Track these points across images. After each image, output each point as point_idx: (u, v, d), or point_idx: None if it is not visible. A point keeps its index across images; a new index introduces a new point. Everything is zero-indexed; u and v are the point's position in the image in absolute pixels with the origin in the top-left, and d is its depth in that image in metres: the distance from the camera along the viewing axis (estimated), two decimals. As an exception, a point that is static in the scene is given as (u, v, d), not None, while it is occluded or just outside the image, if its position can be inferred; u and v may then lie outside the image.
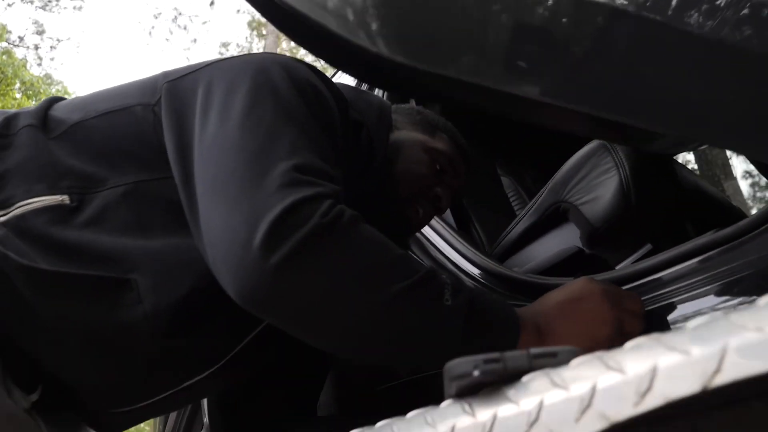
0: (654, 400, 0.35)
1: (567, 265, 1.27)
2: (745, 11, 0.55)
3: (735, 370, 0.32)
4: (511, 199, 2.12)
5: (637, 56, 0.53)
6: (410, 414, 0.51)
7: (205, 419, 1.69)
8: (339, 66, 0.92)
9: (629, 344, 0.38)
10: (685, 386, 0.33)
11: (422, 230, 1.42)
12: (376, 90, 1.52)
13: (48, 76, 15.93)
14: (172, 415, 1.87)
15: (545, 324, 0.79)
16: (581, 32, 0.52)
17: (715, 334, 0.34)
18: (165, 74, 0.94)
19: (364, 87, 1.56)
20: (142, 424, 2.13)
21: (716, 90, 0.54)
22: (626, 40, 0.52)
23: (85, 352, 0.84)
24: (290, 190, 0.71)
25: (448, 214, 1.66)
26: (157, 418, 2.01)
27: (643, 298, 0.92)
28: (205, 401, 1.63)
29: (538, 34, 0.57)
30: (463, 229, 1.71)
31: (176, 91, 0.89)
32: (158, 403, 0.93)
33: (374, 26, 0.54)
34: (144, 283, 0.82)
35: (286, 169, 0.73)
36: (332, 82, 0.97)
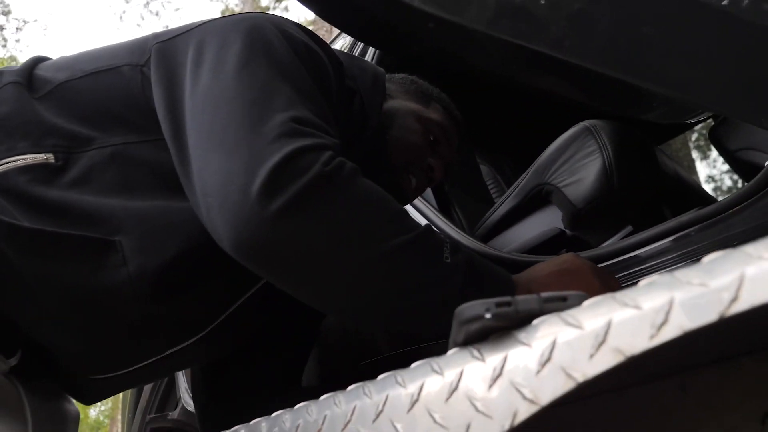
0: (671, 332, 0.36)
1: (549, 246, 1.29)
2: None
3: (750, 298, 0.33)
4: (489, 187, 2.14)
5: (639, 15, 0.54)
6: (414, 363, 0.51)
7: (180, 398, 1.67)
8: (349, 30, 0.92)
9: (642, 282, 0.39)
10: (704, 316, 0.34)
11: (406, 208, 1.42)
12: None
13: (13, 58, 15.51)
14: (145, 393, 1.85)
15: (537, 290, 0.80)
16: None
17: (730, 265, 0.35)
18: (155, 35, 0.93)
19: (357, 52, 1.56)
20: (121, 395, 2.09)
21: (711, 53, 0.55)
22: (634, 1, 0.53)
23: (65, 315, 0.82)
24: (290, 139, 0.70)
25: (430, 195, 1.67)
26: (129, 395, 1.97)
27: (627, 273, 0.95)
28: (183, 378, 1.62)
29: None
30: (444, 212, 1.72)
31: (166, 50, 0.87)
32: (140, 371, 0.92)
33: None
34: (129, 245, 0.80)
35: (284, 120, 0.72)
36: (327, 45, 0.96)
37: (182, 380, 1.68)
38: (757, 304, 0.33)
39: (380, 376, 0.54)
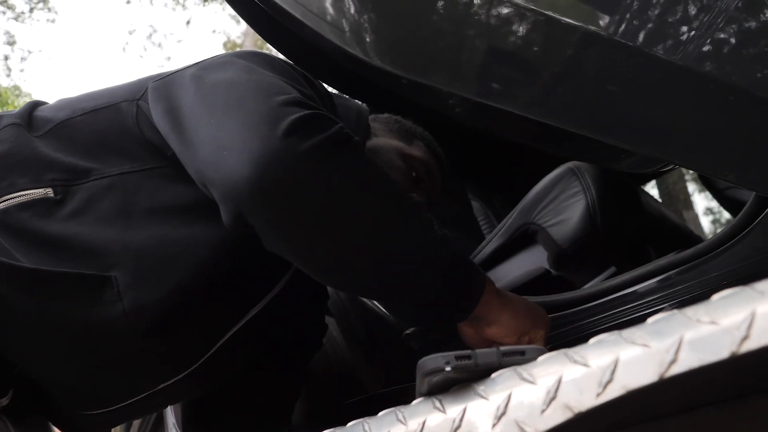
0: (615, 390, 0.37)
1: (534, 286, 1.30)
2: (706, 40, 0.59)
3: (688, 360, 0.35)
4: (480, 223, 2.15)
5: (606, 77, 0.56)
6: (382, 412, 0.52)
7: (168, 435, 1.66)
8: (321, 76, 0.94)
9: (592, 340, 0.40)
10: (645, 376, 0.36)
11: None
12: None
13: (16, 87, 15.66)
14: (134, 428, 1.83)
15: (499, 297, 0.84)
16: (553, 52, 0.55)
17: (672, 328, 0.36)
18: (154, 76, 0.95)
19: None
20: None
21: (676, 112, 0.57)
22: (596, 62, 0.55)
23: (60, 351, 0.83)
24: (306, 106, 0.72)
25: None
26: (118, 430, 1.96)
27: (607, 314, 0.97)
28: (171, 413, 1.61)
29: (514, 51, 0.60)
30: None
31: (163, 84, 0.90)
32: (132, 406, 0.92)
33: (361, 34, 0.56)
34: (124, 281, 0.81)
35: (297, 95, 0.74)
36: (318, 82, 0.98)
37: (170, 416, 1.67)
38: (695, 367, 0.34)
39: (349, 424, 0.55)
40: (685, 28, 0.59)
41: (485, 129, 0.71)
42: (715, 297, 0.36)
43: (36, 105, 0.96)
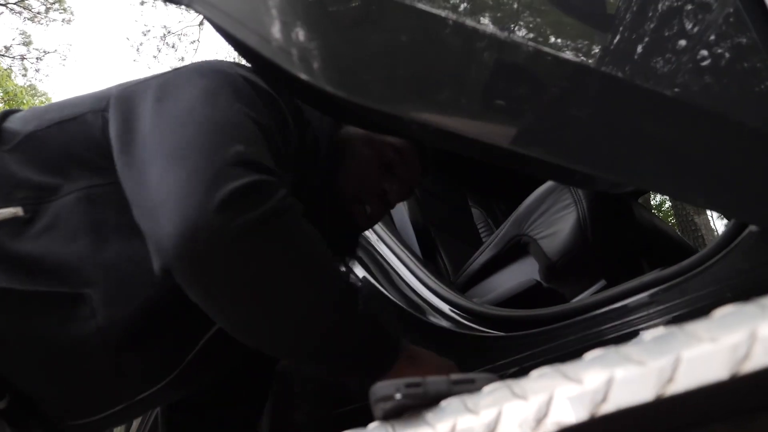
0: (550, 427, 0.37)
1: (525, 298, 1.30)
2: (675, 64, 0.59)
3: (618, 399, 0.35)
4: (480, 230, 2.15)
5: (566, 101, 0.56)
6: (340, 435, 0.52)
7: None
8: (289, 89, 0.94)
9: (533, 372, 0.41)
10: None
11: (387, 259, 1.44)
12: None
13: (32, 87, 15.84)
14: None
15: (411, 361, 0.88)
16: (512, 74, 0.55)
17: (603, 365, 0.36)
18: (118, 85, 0.95)
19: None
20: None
21: (642, 136, 0.57)
22: (554, 85, 0.55)
23: (40, 365, 0.84)
24: (250, 170, 0.72)
25: (414, 243, 1.69)
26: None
27: (594, 330, 0.96)
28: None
29: (490, 83, 0.60)
30: (428, 257, 1.74)
31: (126, 92, 0.90)
32: (115, 415, 0.94)
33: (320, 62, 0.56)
34: (98, 297, 0.82)
35: (245, 151, 0.74)
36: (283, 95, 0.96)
37: None
38: (624, 407, 0.34)
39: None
40: (654, 52, 0.59)
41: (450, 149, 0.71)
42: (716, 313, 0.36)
43: (7, 115, 0.95)
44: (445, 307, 1.25)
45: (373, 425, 0.50)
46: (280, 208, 0.72)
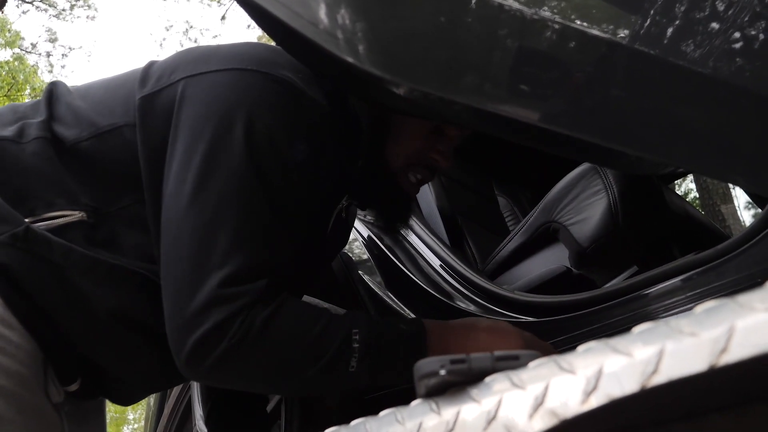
0: (599, 399, 0.37)
1: (555, 284, 1.29)
2: (714, 42, 0.58)
3: (669, 371, 0.35)
4: (506, 219, 2.15)
5: (609, 81, 0.56)
6: (383, 412, 0.53)
7: (195, 425, 1.70)
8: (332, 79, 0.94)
9: (581, 347, 0.41)
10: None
11: (415, 246, 1.44)
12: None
13: (58, 84, 16.03)
14: (163, 419, 1.89)
15: (447, 339, 0.90)
16: (555, 56, 0.55)
17: (655, 337, 0.36)
18: (141, 82, 0.94)
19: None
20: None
21: (683, 115, 0.57)
22: (598, 65, 0.55)
23: (125, 336, 0.92)
24: (215, 309, 0.80)
25: (442, 231, 1.69)
26: (148, 422, 2.02)
27: (626, 315, 0.96)
28: (198, 406, 1.66)
29: (527, 60, 0.60)
30: (456, 246, 1.74)
31: (150, 110, 0.91)
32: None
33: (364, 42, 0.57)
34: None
35: (216, 283, 0.80)
36: (321, 78, 0.93)
37: (198, 408, 1.71)
38: (675, 378, 0.34)
39: (352, 423, 0.56)
40: (694, 31, 0.58)
41: (490, 134, 0.71)
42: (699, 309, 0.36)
43: (52, 116, 0.95)
44: (475, 293, 1.25)
45: (415, 402, 0.51)
46: (233, 343, 0.80)
